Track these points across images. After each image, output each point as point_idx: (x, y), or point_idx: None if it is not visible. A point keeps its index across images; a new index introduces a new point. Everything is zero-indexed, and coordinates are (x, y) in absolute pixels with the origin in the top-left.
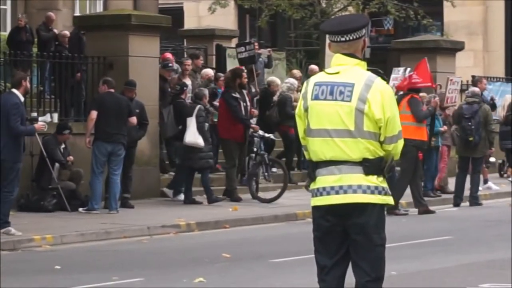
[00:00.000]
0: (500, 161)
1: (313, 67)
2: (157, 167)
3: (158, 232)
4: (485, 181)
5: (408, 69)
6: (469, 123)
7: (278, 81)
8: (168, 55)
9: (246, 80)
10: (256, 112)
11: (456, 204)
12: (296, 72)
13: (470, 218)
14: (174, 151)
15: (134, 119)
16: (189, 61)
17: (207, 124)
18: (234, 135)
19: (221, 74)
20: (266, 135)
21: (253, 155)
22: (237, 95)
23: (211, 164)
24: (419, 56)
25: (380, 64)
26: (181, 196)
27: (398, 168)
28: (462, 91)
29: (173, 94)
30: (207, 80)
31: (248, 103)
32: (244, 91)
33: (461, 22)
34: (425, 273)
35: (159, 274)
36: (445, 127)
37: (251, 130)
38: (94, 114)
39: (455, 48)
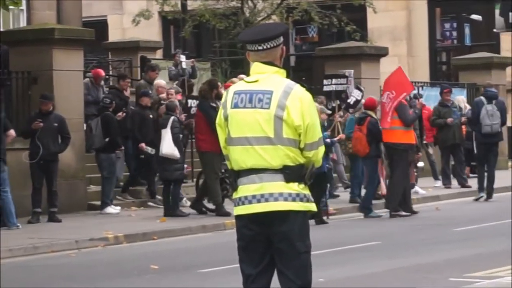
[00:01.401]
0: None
1: (242, 76)
2: (84, 180)
3: (86, 246)
4: (412, 186)
5: (351, 71)
6: None
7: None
8: (100, 71)
9: (222, 91)
10: None
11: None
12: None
13: (397, 223)
14: (99, 163)
15: (11, 133)
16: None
17: (181, 135)
18: (214, 147)
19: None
20: None
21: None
22: (214, 105)
23: (185, 176)
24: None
25: (306, 71)
26: (109, 209)
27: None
28: None
29: (101, 107)
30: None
31: None
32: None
33: (385, 28)
34: (352, 279)
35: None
36: (342, 135)
37: None
38: None
39: (379, 54)
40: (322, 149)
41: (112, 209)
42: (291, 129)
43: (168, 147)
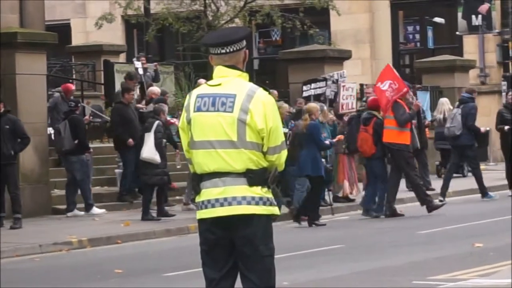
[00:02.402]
0: (437, 163)
1: (202, 80)
2: (47, 185)
3: (50, 250)
4: None
5: (343, 71)
6: None
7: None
8: (70, 85)
9: None
10: None
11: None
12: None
13: (362, 226)
14: (70, 165)
15: None
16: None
17: (164, 140)
18: None
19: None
20: None
21: None
22: None
23: (165, 181)
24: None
25: (269, 75)
26: (95, 210)
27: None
28: (358, 99)
29: (68, 110)
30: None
31: None
32: None
33: (348, 31)
34: (317, 282)
35: None
36: (340, 136)
37: None
38: None
39: (342, 57)
40: (284, 153)
41: (97, 210)
42: (254, 133)
43: (149, 151)
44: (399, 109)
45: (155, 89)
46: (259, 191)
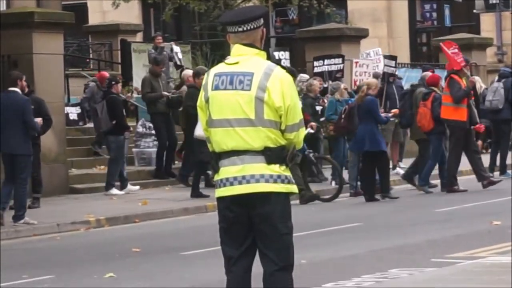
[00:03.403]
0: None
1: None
2: (65, 164)
3: (68, 229)
4: (394, 167)
5: (378, 49)
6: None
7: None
8: (104, 73)
9: None
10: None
11: None
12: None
13: (379, 204)
14: (107, 145)
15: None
16: None
17: None
18: None
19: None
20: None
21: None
22: None
23: None
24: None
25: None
26: (114, 190)
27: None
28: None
29: (104, 90)
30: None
31: None
32: None
33: (365, 10)
34: (335, 260)
35: (69, 271)
36: (395, 110)
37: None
38: None
39: (359, 35)
40: (303, 131)
41: (116, 191)
42: (272, 111)
43: (201, 129)
44: (454, 85)
45: (190, 72)
46: (277, 169)
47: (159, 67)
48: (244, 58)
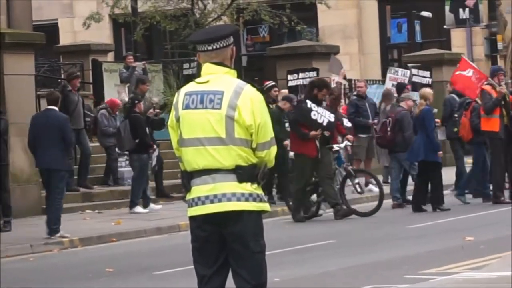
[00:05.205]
0: None
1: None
2: (38, 184)
3: (41, 250)
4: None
5: (409, 65)
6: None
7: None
8: (115, 100)
9: (323, 95)
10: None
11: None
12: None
13: (352, 221)
14: (131, 164)
15: None
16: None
17: None
18: (306, 150)
19: None
20: (342, 145)
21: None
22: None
23: None
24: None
25: (258, 71)
26: (138, 209)
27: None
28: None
29: (128, 108)
30: None
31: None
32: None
33: (336, 27)
34: (308, 278)
35: None
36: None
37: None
38: None
39: (330, 52)
40: (274, 149)
41: (140, 209)
42: (243, 129)
43: None
44: (485, 96)
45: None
46: (249, 188)
47: (145, 85)
48: (214, 76)
